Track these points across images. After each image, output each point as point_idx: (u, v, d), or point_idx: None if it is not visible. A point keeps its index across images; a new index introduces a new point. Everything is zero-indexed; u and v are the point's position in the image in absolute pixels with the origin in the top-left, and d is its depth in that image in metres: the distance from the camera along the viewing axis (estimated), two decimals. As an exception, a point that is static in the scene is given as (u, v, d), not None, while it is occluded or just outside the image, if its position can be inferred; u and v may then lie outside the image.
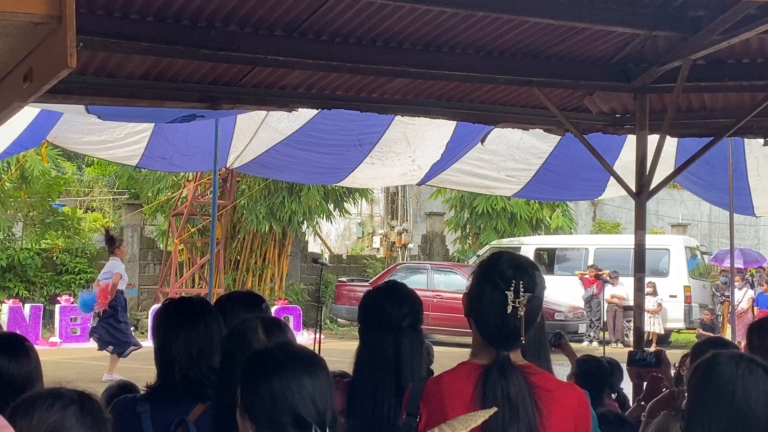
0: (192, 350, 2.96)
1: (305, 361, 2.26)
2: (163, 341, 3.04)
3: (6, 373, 2.64)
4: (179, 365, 2.96)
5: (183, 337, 2.98)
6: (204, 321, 3.03)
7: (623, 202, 27.68)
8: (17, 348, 2.75)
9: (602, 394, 5.03)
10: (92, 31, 5.16)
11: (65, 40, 2.20)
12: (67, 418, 1.79)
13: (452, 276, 20.24)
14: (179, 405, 2.91)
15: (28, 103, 2.69)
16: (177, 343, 2.98)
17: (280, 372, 2.21)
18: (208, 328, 3.02)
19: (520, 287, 2.49)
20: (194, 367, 2.95)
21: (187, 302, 3.21)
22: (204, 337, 2.99)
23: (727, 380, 2.55)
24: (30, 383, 2.64)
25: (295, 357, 2.27)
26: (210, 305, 3.22)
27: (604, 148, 8.06)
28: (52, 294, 19.95)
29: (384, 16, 5.77)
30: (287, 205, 21.03)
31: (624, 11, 5.81)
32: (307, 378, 2.21)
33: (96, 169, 29.44)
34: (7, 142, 9.64)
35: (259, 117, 9.96)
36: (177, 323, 3.05)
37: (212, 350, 2.97)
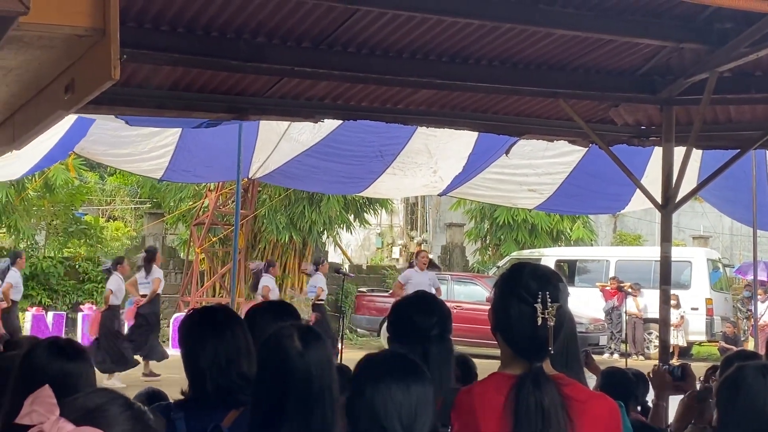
0: (220, 359, 2.96)
1: (399, 371, 2.32)
2: (190, 352, 3.05)
3: (66, 373, 2.69)
4: (209, 375, 2.96)
5: (210, 346, 2.99)
6: (230, 329, 3.04)
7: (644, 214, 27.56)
8: (75, 351, 2.79)
9: (628, 406, 5.01)
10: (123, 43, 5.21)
11: (109, 53, 2.23)
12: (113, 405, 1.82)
13: (472, 287, 20.19)
14: (213, 412, 2.92)
15: (69, 113, 2.73)
16: (205, 354, 2.99)
17: (374, 381, 2.30)
18: (235, 336, 3.02)
19: (547, 298, 2.50)
20: (224, 376, 2.95)
21: (210, 311, 3.21)
22: (231, 344, 3.00)
23: (756, 392, 2.55)
24: (87, 384, 2.69)
25: (391, 366, 2.33)
26: (233, 313, 3.22)
27: (630, 161, 8.04)
28: (75, 302, 20.04)
29: (410, 28, 5.80)
30: (307, 215, 21.07)
31: (651, 23, 5.81)
32: (397, 389, 2.28)
33: (118, 179, 29.60)
34: (38, 156, 9.74)
35: (281, 128, 10.02)
36: (203, 333, 3.05)
37: (240, 357, 2.98)
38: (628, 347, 19.55)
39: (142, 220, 25.44)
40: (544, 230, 25.23)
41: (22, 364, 2.75)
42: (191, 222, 21.21)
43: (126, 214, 30.02)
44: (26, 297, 20.05)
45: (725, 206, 12.20)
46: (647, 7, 5.63)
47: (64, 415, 1.64)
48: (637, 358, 19.81)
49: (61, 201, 21.75)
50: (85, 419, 1.67)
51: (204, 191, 21.05)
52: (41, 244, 22.40)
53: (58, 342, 2.83)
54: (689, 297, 20.74)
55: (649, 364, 6.61)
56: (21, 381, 2.67)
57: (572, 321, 2.72)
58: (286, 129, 10.05)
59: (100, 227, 24.68)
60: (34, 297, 20.24)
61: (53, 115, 2.73)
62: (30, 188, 19.96)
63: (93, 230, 23.47)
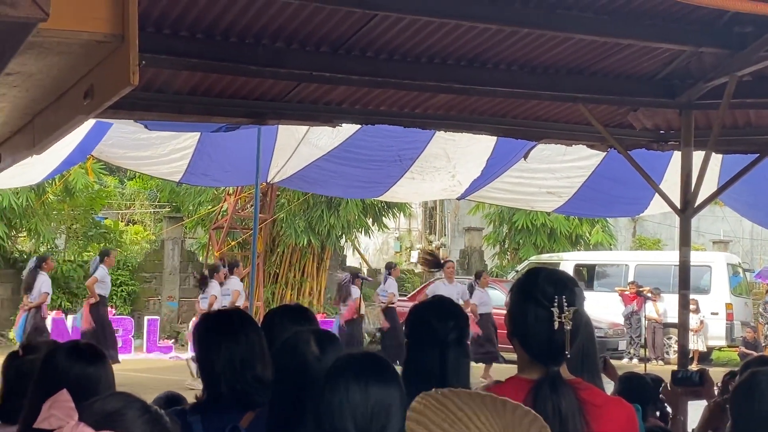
0: (235, 363, 2.97)
1: (360, 370, 2.24)
2: (205, 356, 3.07)
3: (86, 377, 2.71)
4: (224, 378, 2.97)
5: (224, 350, 2.99)
6: (244, 332, 3.04)
7: (664, 218, 27.42)
8: (96, 355, 2.81)
9: (647, 412, 4.99)
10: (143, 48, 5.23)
11: (128, 59, 2.24)
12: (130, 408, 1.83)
13: (491, 291, 20.15)
14: (229, 414, 2.93)
15: (88, 118, 2.75)
16: (219, 357, 2.99)
17: (333, 379, 2.23)
18: (249, 339, 3.03)
19: (563, 302, 2.50)
20: (239, 379, 2.96)
21: (224, 315, 3.22)
22: (245, 348, 3.00)
23: None
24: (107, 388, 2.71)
25: (354, 365, 2.25)
26: (247, 316, 3.23)
27: (649, 164, 8.01)
28: (94, 306, 20.12)
29: (429, 32, 5.81)
30: (326, 219, 21.12)
31: (670, 28, 5.80)
32: (354, 389, 2.20)
33: (138, 183, 29.76)
34: (57, 161, 9.81)
35: (300, 133, 10.06)
36: (217, 337, 3.06)
37: (254, 360, 2.99)
38: (648, 352, 19.46)
39: (161, 224, 25.55)
40: (563, 234, 25.16)
41: (42, 368, 2.77)
42: (210, 226, 21.29)
43: (145, 218, 30.17)
44: (46, 300, 20.22)
45: (745, 210, 12.13)
46: (666, 12, 5.61)
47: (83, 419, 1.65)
48: (657, 363, 19.71)
49: (81, 205, 21.88)
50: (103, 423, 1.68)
51: (223, 195, 21.13)
52: (61, 248, 22.55)
53: (77, 345, 2.85)
54: (709, 302, 20.63)
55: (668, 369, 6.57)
56: (41, 384, 2.69)
57: (589, 325, 2.71)
58: (304, 134, 10.08)
59: (119, 231, 24.82)
60: (54, 300, 20.34)
61: (73, 121, 2.74)
62: (50, 192, 20.10)
63: (112, 234, 23.60)
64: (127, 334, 17.92)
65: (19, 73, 2.60)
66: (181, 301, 21.68)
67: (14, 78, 2.66)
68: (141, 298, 21.94)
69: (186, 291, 22.06)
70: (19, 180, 11.43)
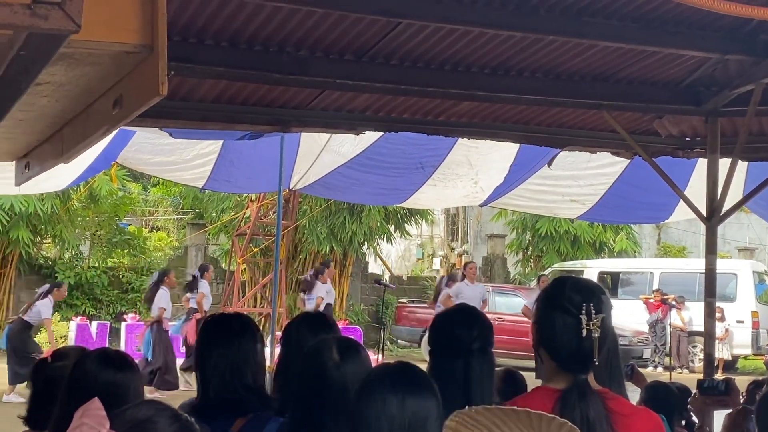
0: (224, 368, 2.95)
1: (397, 382, 2.23)
2: (199, 358, 3.06)
3: (115, 384, 2.73)
4: (212, 383, 2.96)
5: (216, 355, 2.97)
6: (237, 339, 3.00)
7: (689, 225, 27.25)
8: (124, 362, 2.83)
9: (673, 421, 4.96)
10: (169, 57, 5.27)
11: (157, 69, 2.26)
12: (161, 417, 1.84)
13: (514, 299, 20.12)
14: (219, 419, 2.91)
15: (117, 128, 2.77)
16: (210, 361, 2.98)
17: (370, 391, 2.22)
18: (242, 346, 2.99)
19: (591, 310, 2.50)
20: (226, 386, 2.94)
21: (225, 319, 3.18)
22: (237, 354, 2.97)
23: None
24: (136, 395, 2.73)
25: (390, 377, 2.24)
26: (249, 322, 3.16)
27: (673, 171, 7.97)
28: (118, 312, 20.28)
29: (453, 40, 5.81)
30: (348, 225, 21.14)
31: (695, 35, 5.77)
32: (391, 401, 2.19)
33: (161, 190, 29.93)
34: (81, 168, 9.87)
35: (322, 140, 10.08)
36: (212, 340, 3.04)
37: (246, 368, 2.96)
38: (673, 360, 19.35)
39: (184, 231, 25.70)
40: (586, 242, 25.05)
41: (71, 375, 2.79)
42: (233, 233, 21.37)
43: (169, 225, 30.33)
44: (71, 306, 20.35)
45: (770, 217, 12.04)
46: (692, 19, 5.59)
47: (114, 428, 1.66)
48: (681, 371, 19.58)
49: (105, 211, 22.02)
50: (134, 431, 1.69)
51: (246, 202, 21.20)
52: (85, 255, 22.69)
53: (107, 353, 2.87)
54: (734, 310, 20.48)
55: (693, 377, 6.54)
56: (70, 391, 2.71)
57: (615, 334, 2.71)
58: (327, 141, 10.10)
59: (143, 238, 24.95)
60: (78, 307, 20.52)
61: (101, 130, 2.77)
62: (75, 199, 20.24)
63: (136, 240, 23.73)
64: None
65: (49, 83, 2.63)
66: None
67: (44, 88, 2.69)
68: (164, 304, 21.99)
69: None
70: (44, 186, 11.50)
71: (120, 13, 2.24)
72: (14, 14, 1.88)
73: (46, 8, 1.89)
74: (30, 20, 1.89)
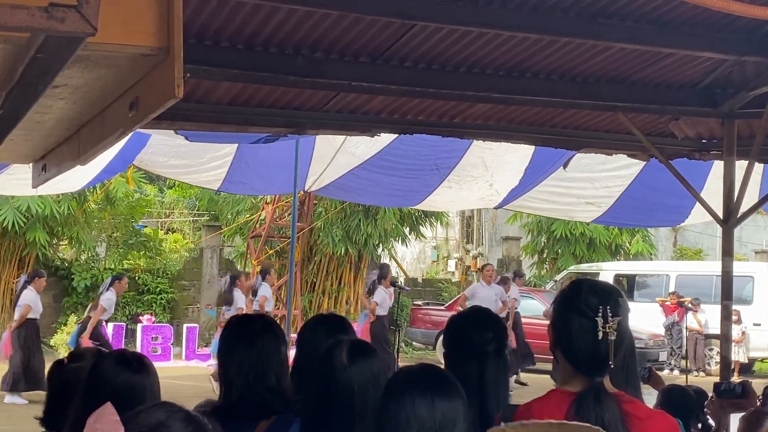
0: (248, 371, 2.94)
1: (425, 384, 2.25)
2: (222, 360, 3.06)
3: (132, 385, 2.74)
4: (235, 385, 2.96)
5: (239, 356, 2.97)
6: (261, 340, 3.00)
7: (705, 227, 27.11)
8: (141, 363, 2.84)
9: (689, 425, 4.93)
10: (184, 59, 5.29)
11: (173, 71, 2.27)
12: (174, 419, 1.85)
13: (529, 301, 20.05)
14: (243, 421, 2.91)
15: (133, 130, 2.79)
16: (234, 363, 2.98)
17: (398, 394, 2.24)
18: (265, 347, 2.99)
19: (607, 313, 2.49)
20: (249, 388, 2.94)
21: (247, 320, 3.18)
22: (261, 356, 2.97)
23: None
24: (152, 396, 2.74)
25: (418, 379, 2.26)
26: (272, 324, 3.17)
27: (689, 173, 7.94)
28: (134, 313, 20.35)
29: (468, 42, 5.80)
30: (363, 228, 21.15)
31: (712, 36, 5.74)
32: (420, 403, 2.22)
33: (177, 192, 30.03)
34: (98, 169, 9.92)
35: (337, 142, 10.10)
36: (235, 342, 3.04)
37: (269, 370, 2.96)
38: (689, 363, 19.24)
39: (200, 233, 25.74)
40: (602, 244, 24.95)
41: (89, 376, 2.80)
42: (248, 234, 21.42)
43: (184, 227, 30.41)
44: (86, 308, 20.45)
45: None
46: (708, 21, 5.56)
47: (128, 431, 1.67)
48: (698, 374, 19.49)
49: (122, 213, 22.11)
50: None
51: (261, 204, 21.25)
52: (102, 256, 22.78)
53: (125, 354, 2.89)
54: (751, 312, 20.37)
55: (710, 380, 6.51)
56: (87, 392, 2.73)
57: (631, 337, 2.70)
58: (342, 142, 10.11)
59: (159, 239, 25.04)
60: (94, 308, 20.60)
61: (117, 132, 2.78)
62: (91, 201, 20.33)
63: (152, 242, 23.82)
64: (167, 342, 18.07)
65: (66, 85, 2.64)
66: (219, 309, 21.81)
67: (61, 90, 2.70)
68: (180, 305, 22.11)
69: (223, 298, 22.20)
70: (60, 187, 11.57)
71: (136, 16, 2.25)
72: (31, 17, 1.89)
73: (62, 11, 1.90)
74: (47, 23, 1.90)
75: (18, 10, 1.88)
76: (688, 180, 7.71)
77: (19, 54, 2.23)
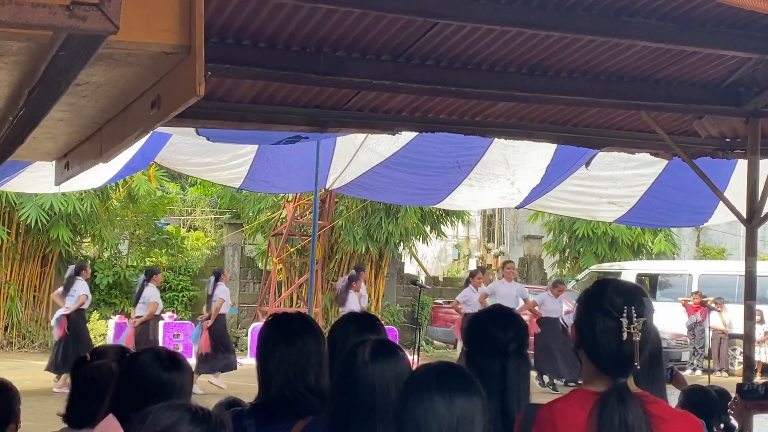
0: (287, 368, 2.94)
1: (444, 382, 2.25)
2: (261, 357, 3.05)
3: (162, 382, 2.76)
4: (275, 383, 2.95)
5: (278, 354, 2.97)
6: (301, 338, 3.00)
7: (729, 227, 26.90)
8: (174, 361, 2.86)
9: (711, 425, 4.91)
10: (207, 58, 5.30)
11: (194, 70, 2.28)
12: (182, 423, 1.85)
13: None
14: (281, 420, 2.91)
15: (155, 128, 2.79)
16: (273, 361, 2.97)
17: (417, 391, 2.23)
18: (305, 346, 2.99)
19: (632, 313, 2.48)
20: (290, 386, 2.93)
21: (286, 318, 3.18)
22: (300, 354, 2.97)
23: None
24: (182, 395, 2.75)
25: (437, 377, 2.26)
26: (311, 322, 3.17)
27: (712, 172, 7.88)
28: (156, 311, 20.42)
29: (490, 40, 5.78)
30: (384, 226, 21.15)
31: (736, 35, 5.69)
32: (439, 401, 2.21)
33: (199, 190, 30.15)
34: (119, 166, 9.97)
35: (359, 139, 10.09)
36: (274, 340, 3.03)
37: (309, 368, 2.96)
38: (712, 363, 19.12)
39: (221, 231, 25.85)
40: (624, 243, 24.82)
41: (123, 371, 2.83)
42: (269, 232, 21.48)
43: (206, 225, 30.53)
44: (109, 305, 20.57)
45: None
46: (732, 19, 5.51)
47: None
48: (721, 374, 19.36)
49: (144, 211, 22.22)
50: None
51: (282, 202, 21.30)
52: (124, 254, 22.91)
53: (159, 352, 2.90)
54: (775, 313, 20.20)
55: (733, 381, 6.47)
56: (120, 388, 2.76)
57: (658, 338, 2.68)
58: (363, 140, 10.11)
59: (181, 237, 25.14)
60: (116, 305, 20.73)
61: (139, 130, 2.80)
62: (114, 198, 20.44)
63: (174, 240, 23.92)
64: (188, 339, 18.13)
65: (88, 83, 2.66)
66: (241, 306, 21.89)
67: (83, 88, 2.72)
68: (201, 303, 22.18)
69: (246, 297, 22.27)
70: (81, 184, 11.64)
71: (158, 14, 2.25)
72: (53, 15, 1.90)
73: (84, 9, 1.91)
74: (69, 21, 1.90)
75: (40, 8, 1.88)
76: (712, 179, 7.65)
77: (41, 52, 2.24)
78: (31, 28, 1.90)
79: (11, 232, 19.15)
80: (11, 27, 1.90)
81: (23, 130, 3.19)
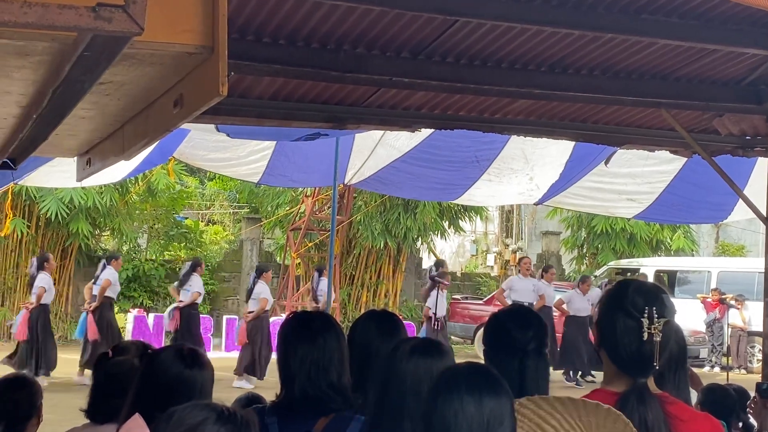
0: (310, 366, 2.96)
1: (473, 382, 2.26)
2: (283, 355, 3.07)
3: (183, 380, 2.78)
4: (298, 381, 2.97)
5: (301, 352, 2.99)
6: (323, 336, 3.02)
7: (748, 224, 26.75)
8: (196, 359, 2.87)
9: (730, 424, 4.90)
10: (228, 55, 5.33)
11: (217, 70, 2.30)
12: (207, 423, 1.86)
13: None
14: (303, 418, 2.94)
15: (177, 127, 2.81)
16: (295, 359, 2.99)
17: (446, 392, 2.24)
18: (327, 344, 3.00)
19: (653, 313, 2.48)
20: (312, 384, 2.95)
21: (307, 317, 3.20)
22: (322, 352, 2.98)
23: None
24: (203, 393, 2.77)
25: (466, 378, 2.27)
26: (331, 320, 3.19)
27: (733, 169, 7.84)
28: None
29: (510, 38, 5.77)
30: (402, 221, 21.18)
31: (758, 32, 5.65)
32: (469, 401, 2.22)
33: (217, 184, 30.25)
34: (138, 160, 10.01)
35: (377, 135, 10.10)
36: (296, 338, 3.05)
37: (331, 366, 2.97)
38: (731, 360, 19.04)
39: (240, 225, 25.93)
40: (643, 239, 24.74)
41: (145, 367, 2.85)
42: (288, 227, 21.53)
43: (225, 219, 30.64)
44: (128, 298, 20.69)
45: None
46: (753, 17, 5.48)
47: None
48: (739, 371, 19.29)
49: (163, 205, 22.34)
50: None
51: (300, 197, 21.35)
52: (143, 247, 23.03)
53: (181, 348, 2.92)
54: (794, 310, 20.09)
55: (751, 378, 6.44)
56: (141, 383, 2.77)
57: (682, 339, 2.68)
58: (382, 135, 10.12)
59: (199, 231, 25.25)
60: (135, 298, 20.86)
61: (162, 129, 2.82)
62: (133, 192, 20.55)
63: (193, 234, 24.03)
64: (207, 333, 18.23)
65: (111, 82, 2.68)
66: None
67: (106, 87, 2.74)
68: (220, 297, 22.30)
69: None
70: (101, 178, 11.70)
71: (181, 15, 2.27)
72: (79, 17, 1.92)
73: (110, 11, 1.93)
74: (94, 23, 1.92)
75: (66, 10, 1.90)
76: (731, 176, 7.61)
77: (66, 52, 2.26)
78: (57, 29, 1.92)
79: (31, 225, 19.29)
80: (38, 28, 1.92)
81: (46, 127, 3.22)
